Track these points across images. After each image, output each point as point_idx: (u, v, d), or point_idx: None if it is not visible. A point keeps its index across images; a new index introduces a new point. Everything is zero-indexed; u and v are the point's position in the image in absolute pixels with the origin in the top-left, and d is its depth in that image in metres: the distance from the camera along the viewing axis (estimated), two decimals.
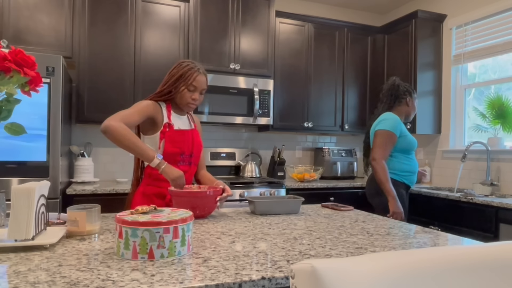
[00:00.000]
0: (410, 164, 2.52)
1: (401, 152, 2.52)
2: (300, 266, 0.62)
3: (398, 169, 2.52)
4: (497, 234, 2.60)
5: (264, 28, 3.61)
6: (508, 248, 0.75)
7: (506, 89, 3.35)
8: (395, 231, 1.51)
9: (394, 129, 2.47)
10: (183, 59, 1.94)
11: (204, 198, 1.66)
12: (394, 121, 2.50)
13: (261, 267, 1.01)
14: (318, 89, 3.93)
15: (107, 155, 3.50)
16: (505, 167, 3.19)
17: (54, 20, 2.98)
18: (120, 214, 1.16)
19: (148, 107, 1.77)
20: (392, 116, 2.54)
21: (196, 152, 1.90)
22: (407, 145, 2.50)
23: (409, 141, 2.50)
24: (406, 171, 2.51)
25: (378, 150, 2.47)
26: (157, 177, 1.81)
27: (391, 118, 2.51)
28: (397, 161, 2.52)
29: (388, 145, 2.47)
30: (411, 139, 2.52)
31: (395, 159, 2.53)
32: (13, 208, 1.14)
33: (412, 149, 2.55)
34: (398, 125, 2.50)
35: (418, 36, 3.70)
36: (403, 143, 2.50)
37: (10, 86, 1.08)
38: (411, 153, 2.55)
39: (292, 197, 1.99)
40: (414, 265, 0.66)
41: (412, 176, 2.54)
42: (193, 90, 1.83)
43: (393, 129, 2.47)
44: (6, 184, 2.46)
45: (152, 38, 3.27)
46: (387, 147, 2.47)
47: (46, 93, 2.53)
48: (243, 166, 3.76)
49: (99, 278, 0.90)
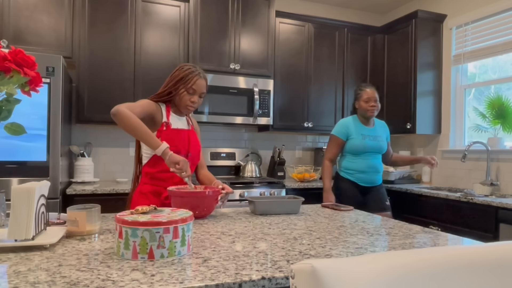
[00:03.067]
0: (356, 164, 2.80)
1: (349, 153, 2.83)
2: (300, 266, 0.62)
3: (344, 167, 2.86)
4: (497, 234, 2.60)
5: (264, 28, 3.61)
6: (508, 248, 0.75)
7: (506, 89, 3.35)
8: (395, 231, 1.51)
9: (337, 133, 2.84)
10: (185, 63, 1.96)
11: (203, 198, 1.66)
12: (339, 125, 2.86)
13: (261, 267, 1.01)
14: (318, 89, 3.93)
15: (107, 155, 3.50)
16: (505, 167, 3.19)
17: (54, 20, 2.98)
18: (120, 214, 1.16)
19: (149, 105, 1.82)
20: (341, 121, 2.90)
21: (193, 152, 1.91)
22: (351, 148, 2.80)
23: (353, 145, 2.79)
24: (351, 169, 2.81)
25: (325, 150, 2.92)
26: (153, 176, 1.83)
27: (338, 123, 2.89)
28: (346, 160, 2.85)
29: (331, 147, 2.86)
30: (356, 143, 2.79)
31: (344, 158, 2.87)
32: (13, 208, 1.14)
33: (356, 152, 2.80)
34: (343, 129, 2.83)
35: (418, 36, 3.70)
36: (349, 146, 2.81)
37: (10, 86, 1.08)
38: (359, 155, 2.80)
39: (292, 197, 1.99)
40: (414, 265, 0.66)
41: (358, 174, 2.80)
42: (192, 93, 1.87)
43: (337, 133, 2.84)
44: (6, 184, 2.46)
45: (152, 38, 3.27)
46: (330, 148, 2.86)
47: (46, 93, 2.53)
48: (243, 166, 3.76)
49: (99, 278, 0.90)
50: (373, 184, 2.85)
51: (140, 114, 1.75)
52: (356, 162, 2.81)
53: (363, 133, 2.82)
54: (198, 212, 1.66)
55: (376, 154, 2.85)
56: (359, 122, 2.86)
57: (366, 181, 2.82)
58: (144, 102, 1.80)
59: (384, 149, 2.88)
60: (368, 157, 2.81)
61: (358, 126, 2.84)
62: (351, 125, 2.84)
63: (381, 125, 2.95)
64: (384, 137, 2.90)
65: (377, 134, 2.86)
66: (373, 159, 2.82)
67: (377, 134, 2.86)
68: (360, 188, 2.83)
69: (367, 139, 2.80)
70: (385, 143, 2.90)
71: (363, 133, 2.82)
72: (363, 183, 2.82)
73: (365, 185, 2.83)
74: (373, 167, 2.82)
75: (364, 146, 2.79)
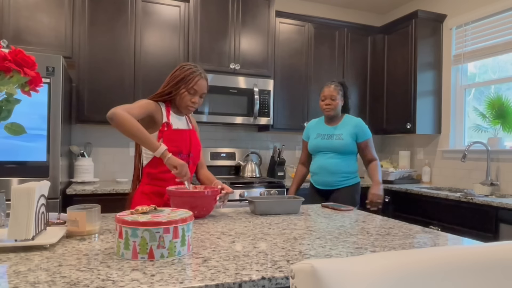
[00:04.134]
0: (312, 165, 2.73)
1: (311, 154, 2.77)
2: (300, 266, 0.62)
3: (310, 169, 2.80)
4: (497, 234, 2.60)
5: (264, 28, 3.61)
6: (508, 248, 0.75)
7: (506, 89, 3.35)
8: (395, 231, 1.51)
9: (303, 134, 2.86)
10: (186, 62, 1.95)
11: (202, 198, 1.66)
12: (306, 127, 2.85)
13: (261, 267, 1.01)
14: (318, 89, 3.92)
15: (107, 155, 3.50)
16: (505, 167, 3.19)
17: (54, 20, 2.98)
18: (120, 214, 1.15)
19: (149, 105, 1.80)
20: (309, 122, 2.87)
21: (194, 152, 1.92)
22: (309, 149, 2.75)
23: (309, 145, 2.74)
24: (311, 171, 2.75)
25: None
26: (155, 176, 1.82)
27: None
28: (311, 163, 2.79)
29: (302, 150, 2.88)
30: (310, 144, 2.72)
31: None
32: (13, 208, 1.14)
33: (312, 153, 2.73)
34: (306, 130, 2.83)
35: (418, 36, 3.70)
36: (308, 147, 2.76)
37: (10, 86, 1.08)
38: (314, 156, 2.72)
39: (292, 197, 1.99)
40: (414, 265, 0.66)
41: (313, 176, 2.71)
42: (193, 93, 1.86)
43: (303, 135, 2.86)
44: (6, 184, 2.45)
45: (152, 38, 3.27)
46: (302, 151, 2.88)
47: (46, 93, 2.53)
48: (243, 166, 3.76)
49: (99, 278, 0.90)
50: (331, 186, 2.61)
51: (139, 115, 1.74)
52: (312, 164, 2.73)
53: (319, 132, 2.69)
54: (197, 212, 1.66)
55: (330, 154, 2.60)
56: (322, 122, 2.75)
57: (320, 183, 2.64)
58: (143, 102, 1.79)
59: (342, 148, 2.58)
60: (320, 158, 2.64)
61: (319, 126, 2.73)
62: (314, 125, 2.77)
63: (350, 123, 2.65)
64: (346, 136, 2.59)
65: (336, 133, 2.62)
66: (326, 159, 2.60)
67: (336, 132, 2.62)
68: (321, 192, 2.66)
69: (319, 138, 2.66)
70: (346, 142, 2.58)
71: (318, 133, 2.69)
72: (318, 185, 2.66)
73: (322, 187, 2.64)
74: (323, 168, 2.60)
75: (315, 146, 2.66)
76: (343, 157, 2.60)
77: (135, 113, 1.71)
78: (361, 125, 2.64)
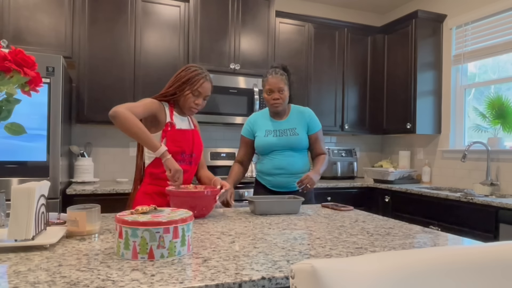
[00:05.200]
0: (263, 165, 2.35)
1: (259, 153, 2.40)
2: (300, 266, 0.62)
3: (256, 169, 2.44)
4: (497, 234, 2.60)
5: (264, 28, 3.61)
6: (508, 248, 0.75)
7: (506, 89, 3.35)
8: (395, 231, 1.51)
9: (243, 130, 2.43)
10: (191, 64, 1.96)
11: (201, 198, 1.66)
12: (246, 122, 2.43)
13: (261, 267, 1.01)
14: (318, 89, 3.93)
15: (107, 155, 3.50)
16: (505, 167, 3.19)
17: (54, 20, 2.98)
18: (120, 214, 1.15)
19: (153, 104, 1.81)
20: (250, 117, 2.46)
21: (197, 152, 1.93)
22: (256, 147, 2.37)
23: (256, 144, 2.35)
24: (260, 171, 2.38)
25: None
26: (158, 176, 1.83)
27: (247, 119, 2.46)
28: (258, 162, 2.43)
29: (240, 147, 2.45)
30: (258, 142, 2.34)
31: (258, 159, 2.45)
32: (13, 208, 1.14)
33: (262, 152, 2.35)
34: (248, 125, 2.41)
35: (418, 36, 3.70)
36: (255, 145, 2.37)
37: (10, 86, 1.08)
38: (266, 154, 2.34)
39: (292, 197, 1.99)
40: (414, 265, 0.66)
41: (266, 177, 2.34)
42: (197, 95, 1.87)
43: (242, 131, 2.43)
44: (6, 184, 2.45)
45: (152, 38, 3.27)
46: (239, 148, 2.45)
47: (46, 93, 2.53)
48: None
49: (99, 278, 0.90)
50: (288, 188, 2.31)
51: (143, 114, 1.75)
52: (263, 163, 2.35)
53: (268, 129, 2.32)
54: (196, 212, 1.66)
55: (287, 152, 2.29)
56: (268, 116, 2.38)
57: (276, 185, 2.32)
58: (147, 101, 1.79)
59: (301, 144, 2.30)
60: (275, 156, 2.29)
61: (265, 121, 2.36)
62: (258, 120, 2.38)
63: (299, 114, 2.37)
64: (300, 130, 2.31)
65: (288, 127, 2.31)
66: (283, 158, 2.28)
67: (287, 127, 2.31)
68: (274, 194, 2.32)
69: (270, 136, 2.30)
70: (301, 137, 2.30)
71: (267, 129, 2.33)
72: (273, 187, 2.33)
73: (277, 189, 2.33)
74: (281, 168, 2.28)
75: (267, 144, 2.29)
76: (299, 154, 2.33)
77: (138, 111, 1.71)
78: (311, 115, 2.38)
